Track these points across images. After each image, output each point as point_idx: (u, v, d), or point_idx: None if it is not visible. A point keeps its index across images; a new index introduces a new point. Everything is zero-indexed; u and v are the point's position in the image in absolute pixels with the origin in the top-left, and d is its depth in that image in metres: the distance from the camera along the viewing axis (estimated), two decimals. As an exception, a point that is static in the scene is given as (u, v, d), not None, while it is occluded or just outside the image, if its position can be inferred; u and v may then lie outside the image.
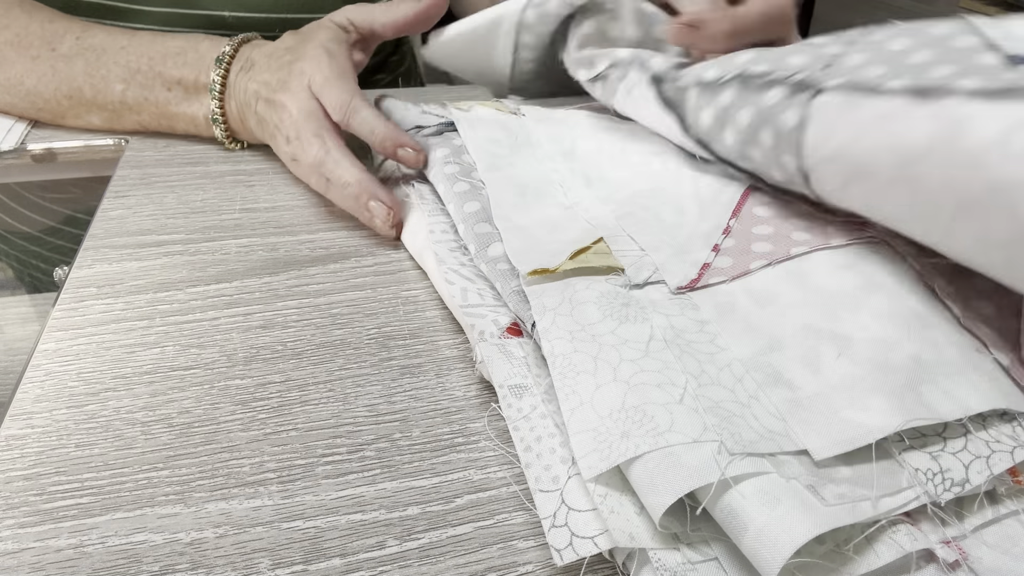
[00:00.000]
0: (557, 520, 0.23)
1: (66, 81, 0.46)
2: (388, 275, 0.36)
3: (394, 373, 0.30)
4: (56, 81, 0.46)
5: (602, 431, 0.23)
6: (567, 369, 0.26)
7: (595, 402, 0.24)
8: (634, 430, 0.23)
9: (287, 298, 0.34)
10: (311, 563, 0.23)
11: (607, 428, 0.23)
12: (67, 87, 0.46)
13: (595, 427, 0.23)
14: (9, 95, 0.47)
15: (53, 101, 0.47)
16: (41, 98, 0.47)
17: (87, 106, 0.47)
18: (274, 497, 0.25)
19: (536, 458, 0.25)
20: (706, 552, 0.22)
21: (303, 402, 0.29)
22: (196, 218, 0.40)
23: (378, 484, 0.25)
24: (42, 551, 0.23)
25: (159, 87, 0.45)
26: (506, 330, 0.30)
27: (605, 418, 0.24)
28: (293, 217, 0.40)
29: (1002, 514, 0.23)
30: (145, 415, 0.28)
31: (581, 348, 0.26)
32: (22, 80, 0.46)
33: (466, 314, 0.31)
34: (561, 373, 0.26)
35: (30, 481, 0.25)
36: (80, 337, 0.31)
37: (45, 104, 0.47)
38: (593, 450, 0.23)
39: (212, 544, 0.23)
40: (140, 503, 0.24)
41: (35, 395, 0.28)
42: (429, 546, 0.23)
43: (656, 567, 0.21)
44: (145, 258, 0.37)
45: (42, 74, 0.46)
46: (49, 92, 0.46)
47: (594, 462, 0.23)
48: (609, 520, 0.22)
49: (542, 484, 0.24)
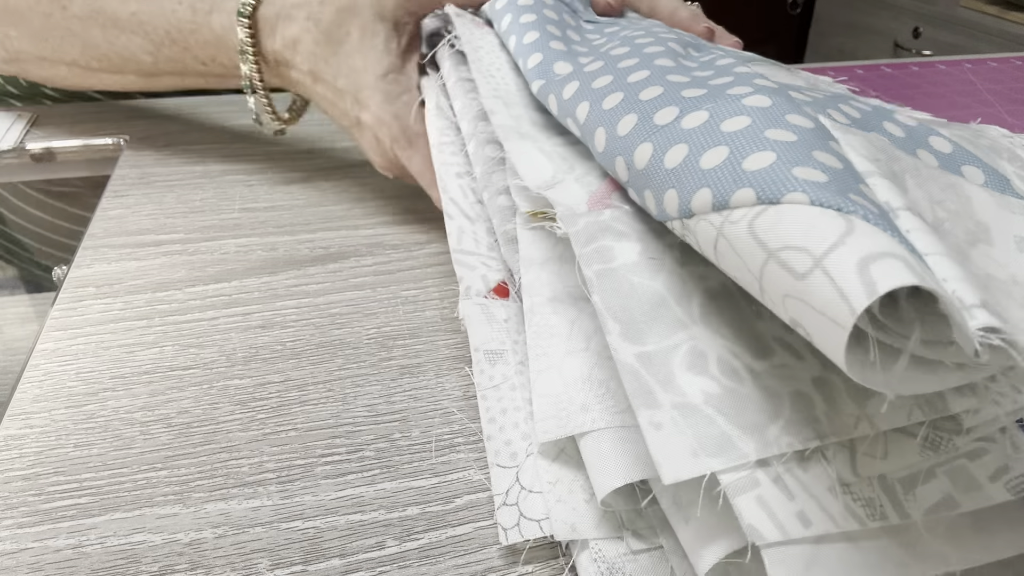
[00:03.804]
0: (509, 498, 0.23)
1: (91, 46, 0.42)
2: (388, 275, 0.36)
3: (394, 373, 0.30)
4: (80, 44, 0.42)
5: (563, 399, 0.23)
6: (542, 329, 0.25)
7: (563, 368, 0.24)
8: (594, 404, 0.22)
9: (286, 298, 0.34)
10: (310, 563, 0.23)
11: (569, 397, 0.23)
12: (94, 52, 0.42)
13: (558, 393, 0.23)
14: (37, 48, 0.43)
15: (82, 62, 0.43)
16: (70, 55, 0.43)
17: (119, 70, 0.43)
18: (273, 497, 0.25)
19: (499, 431, 0.25)
20: (652, 540, 0.22)
21: (302, 402, 0.29)
22: (195, 218, 0.40)
23: (378, 484, 0.25)
24: (41, 551, 0.23)
25: (191, 60, 0.41)
26: (493, 289, 0.29)
27: (569, 386, 0.23)
28: (292, 217, 0.40)
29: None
30: (144, 415, 0.28)
31: (560, 310, 0.25)
32: (44, 36, 0.42)
33: (457, 261, 0.29)
34: (536, 332, 0.25)
35: (29, 481, 0.25)
36: (79, 337, 0.31)
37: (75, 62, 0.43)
38: (552, 416, 0.23)
39: (211, 544, 0.23)
40: (139, 503, 0.24)
41: (34, 395, 0.28)
42: (429, 546, 0.23)
43: (595, 557, 0.21)
44: (144, 258, 0.36)
45: (63, 34, 0.42)
46: (76, 52, 0.42)
47: (551, 427, 0.22)
48: (554, 510, 0.22)
49: (500, 459, 0.24)
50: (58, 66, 0.44)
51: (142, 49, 0.41)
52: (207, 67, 0.41)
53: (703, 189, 0.19)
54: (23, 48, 0.43)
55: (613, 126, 0.24)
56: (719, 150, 0.20)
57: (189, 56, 0.41)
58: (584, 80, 0.27)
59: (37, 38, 0.42)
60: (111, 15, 0.41)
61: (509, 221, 0.29)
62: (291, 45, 0.38)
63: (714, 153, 0.20)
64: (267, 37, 0.38)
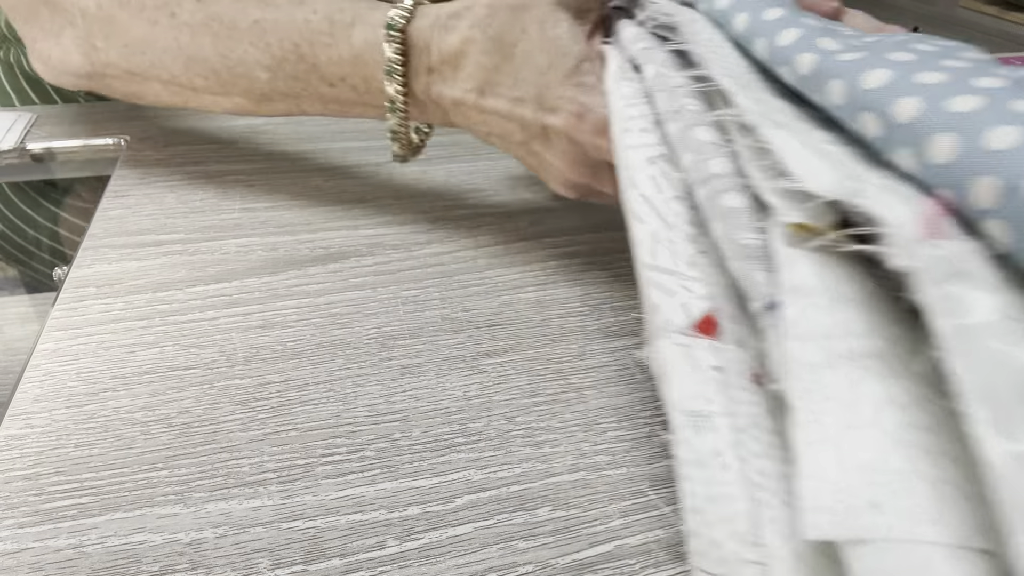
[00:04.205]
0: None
1: (197, 60, 0.37)
2: (388, 275, 0.36)
3: (394, 373, 0.30)
4: (184, 57, 0.37)
5: (843, 488, 0.17)
6: (814, 387, 0.18)
7: (843, 445, 0.17)
8: (888, 503, 0.16)
9: (287, 298, 0.34)
10: (311, 563, 0.23)
11: (851, 487, 0.17)
12: (200, 67, 0.37)
13: (836, 479, 0.17)
14: (129, 62, 0.38)
15: (183, 79, 0.38)
16: (168, 72, 0.38)
17: (227, 87, 0.38)
18: (274, 497, 0.25)
19: (705, 526, 0.19)
20: None
21: (303, 402, 0.29)
22: (195, 218, 0.40)
23: (378, 484, 0.25)
24: (41, 551, 0.23)
25: (317, 81, 0.36)
26: (696, 325, 0.22)
27: (851, 472, 0.17)
28: (293, 217, 0.40)
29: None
30: (144, 415, 0.28)
31: (837, 365, 0.18)
32: (143, 49, 0.38)
33: (649, 282, 0.23)
34: (806, 390, 0.18)
35: (29, 481, 0.25)
36: (79, 337, 0.31)
37: (173, 79, 0.38)
38: (827, 508, 0.17)
39: (212, 544, 0.23)
40: (139, 503, 0.24)
41: (34, 395, 0.28)
42: (429, 546, 0.23)
43: None
44: (144, 258, 0.36)
45: (166, 46, 0.37)
46: (178, 67, 0.38)
47: (823, 522, 0.17)
48: None
49: (706, 563, 0.18)
50: (151, 83, 0.39)
51: (259, 64, 0.36)
52: (333, 89, 0.36)
53: None
54: (112, 61, 0.39)
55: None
56: None
57: (315, 75, 0.36)
58: (870, 51, 0.21)
59: (133, 50, 0.38)
60: (228, 22, 0.36)
61: (745, 230, 0.22)
62: (451, 60, 0.34)
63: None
64: (420, 54, 0.34)
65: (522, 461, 0.26)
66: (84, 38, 0.38)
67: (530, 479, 0.26)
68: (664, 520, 0.24)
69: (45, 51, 0.40)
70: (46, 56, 0.40)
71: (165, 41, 0.37)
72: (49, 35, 0.40)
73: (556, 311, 0.34)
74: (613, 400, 0.29)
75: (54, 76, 0.41)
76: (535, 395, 0.29)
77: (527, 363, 0.31)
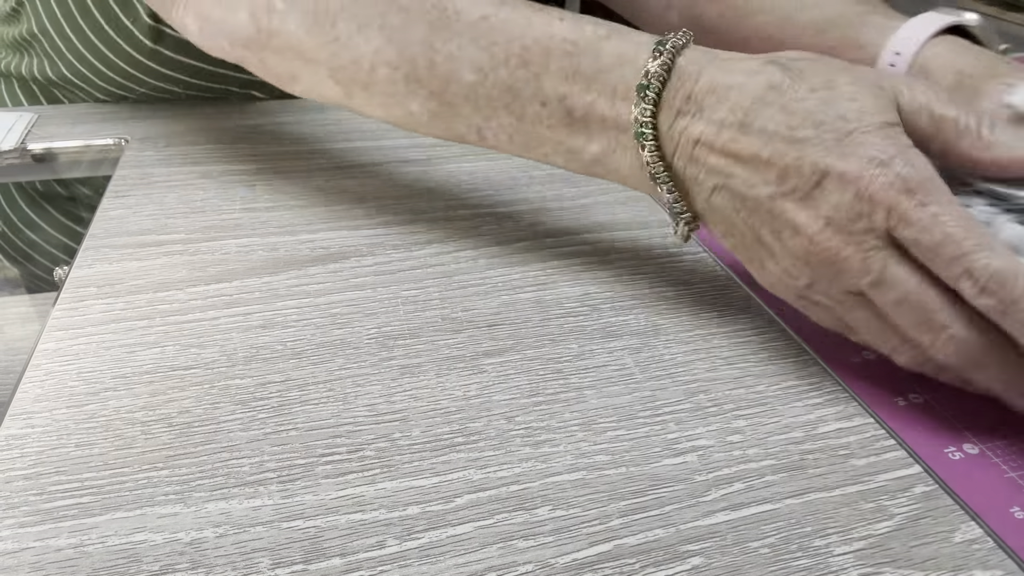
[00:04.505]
0: None
1: (395, 43, 0.32)
2: (388, 275, 0.36)
3: (394, 373, 0.30)
4: (382, 38, 0.32)
5: None
6: None
7: None
8: None
9: (287, 298, 0.34)
10: (311, 563, 0.23)
11: None
12: (394, 52, 0.32)
13: None
14: (309, 32, 0.33)
15: (365, 64, 0.33)
16: (350, 55, 0.33)
17: (412, 87, 0.33)
18: (274, 497, 0.25)
19: None
20: None
21: (303, 402, 0.29)
22: (196, 218, 0.40)
23: (378, 484, 0.25)
24: (42, 551, 0.23)
25: (529, 96, 0.31)
26: None
27: None
28: (293, 217, 0.40)
29: None
30: (145, 415, 0.28)
31: None
32: (334, 20, 0.32)
33: None
34: None
35: (30, 481, 0.25)
36: (80, 337, 0.31)
37: (352, 63, 0.33)
38: None
39: (212, 544, 0.23)
40: (140, 503, 0.24)
41: (35, 395, 0.28)
42: (429, 546, 0.23)
43: None
44: (145, 258, 0.37)
45: (365, 22, 0.32)
46: (365, 51, 0.32)
47: None
48: None
49: None
50: (318, 67, 0.34)
51: (471, 64, 0.31)
52: (541, 110, 0.31)
53: None
54: (286, 29, 0.33)
55: None
56: None
57: (531, 88, 0.31)
58: None
59: (320, 20, 0.33)
60: (453, 12, 0.32)
61: None
62: (720, 90, 0.29)
63: None
64: (685, 78, 0.29)
65: (522, 461, 0.26)
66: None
67: (530, 479, 0.26)
68: (664, 520, 0.24)
69: (206, 7, 0.35)
70: (206, 13, 0.35)
71: (366, 16, 0.32)
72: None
73: (556, 311, 0.34)
74: (613, 400, 0.29)
75: (207, 37, 0.36)
76: (535, 395, 0.29)
77: (527, 363, 0.31)
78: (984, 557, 0.23)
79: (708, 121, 0.29)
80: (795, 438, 0.28)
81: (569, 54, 0.31)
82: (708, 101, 0.29)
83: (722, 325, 0.34)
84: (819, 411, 0.29)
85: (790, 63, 0.29)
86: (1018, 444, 0.27)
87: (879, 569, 0.23)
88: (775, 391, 0.30)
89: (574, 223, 0.41)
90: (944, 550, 0.24)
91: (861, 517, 0.25)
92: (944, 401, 0.29)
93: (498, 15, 0.31)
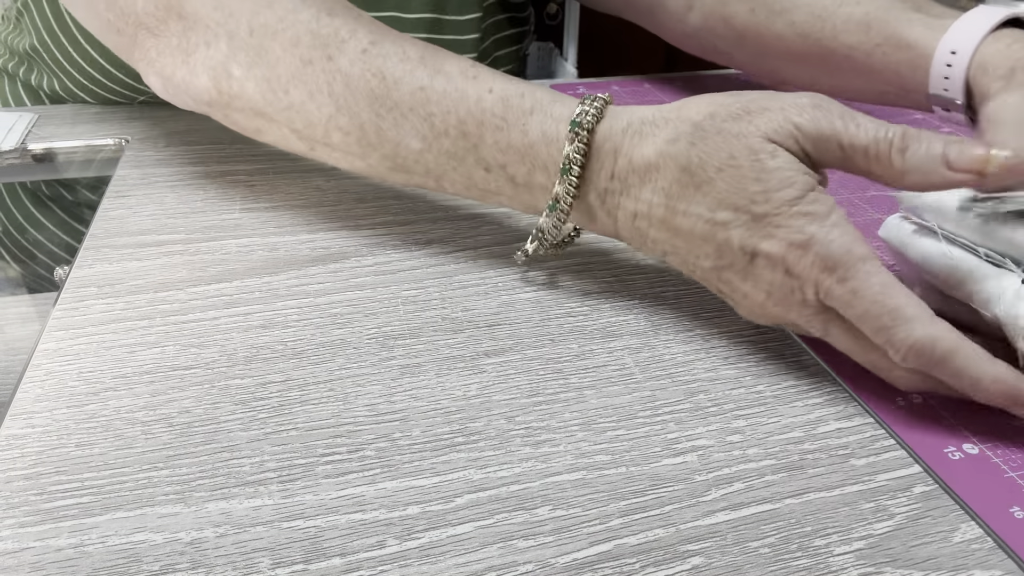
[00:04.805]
0: None
1: (345, 111, 0.34)
2: (388, 275, 0.36)
3: (394, 373, 0.30)
4: (332, 106, 0.34)
5: None
6: None
7: None
8: None
9: (287, 298, 0.34)
10: (311, 562, 0.23)
11: None
12: (345, 120, 0.34)
13: None
14: (265, 98, 0.35)
15: (320, 128, 0.35)
16: (305, 120, 0.35)
17: (366, 150, 0.35)
18: (274, 496, 0.25)
19: None
20: None
21: (303, 402, 0.29)
22: (196, 218, 0.40)
23: (378, 484, 0.25)
24: (42, 551, 0.23)
25: (472, 163, 0.34)
26: None
27: None
28: (293, 217, 0.40)
29: None
30: (145, 415, 0.28)
31: None
32: (287, 87, 0.35)
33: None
34: None
35: (30, 480, 0.25)
36: (80, 337, 0.31)
37: (306, 128, 0.36)
38: None
39: (212, 543, 0.23)
40: (140, 502, 0.24)
41: (35, 394, 0.28)
42: (429, 545, 0.23)
43: None
44: (145, 258, 0.37)
45: (314, 89, 0.34)
46: (318, 117, 0.35)
47: None
48: None
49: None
50: (279, 127, 0.36)
51: (415, 133, 0.34)
52: (487, 174, 0.34)
53: None
54: (245, 93, 0.36)
55: None
56: None
57: (472, 157, 0.33)
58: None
59: (274, 86, 0.35)
60: (391, 81, 0.34)
61: None
62: (640, 171, 0.31)
63: None
64: (604, 157, 0.32)
65: (522, 460, 0.26)
66: (221, 63, 0.36)
67: (530, 478, 0.26)
68: (664, 520, 0.24)
69: (168, 68, 0.37)
70: (168, 73, 0.38)
71: (315, 84, 0.34)
72: (177, 52, 0.37)
73: (556, 311, 0.34)
74: (612, 400, 0.29)
75: (171, 96, 0.39)
76: (535, 395, 0.29)
77: (527, 363, 0.31)
78: (984, 557, 0.23)
79: (637, 199, 0.31)
80: (795, 438, 0.28)
81: (499, 128, 0.33)
82: (631, 180, 0.31)
83: (722, 325, 0.34)
84: (819, 411, 0.29)
85: (695, 137, 0.30)
86: (1018, 444, 0.27)
87: (879, 569, 0.23)
88: (775, 391, 0.30)
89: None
90: (944, 550, 0.24)
91: (861, 517, 0.25)
92: (944, 401, 0.29)
93: (433, 87, 0.33)
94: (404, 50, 0.34)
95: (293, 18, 0.35)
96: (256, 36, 0.35)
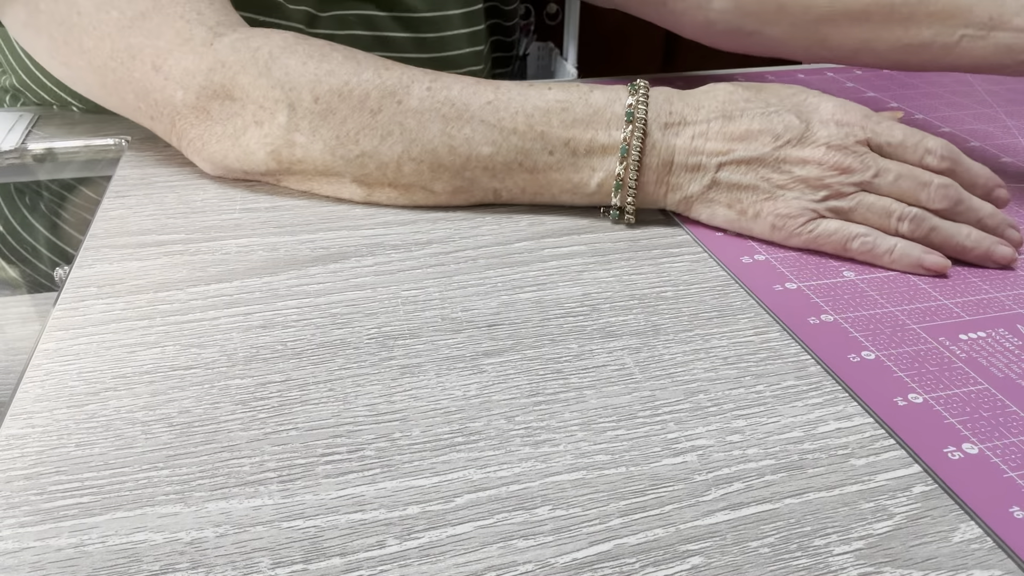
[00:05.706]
0: None
1: (417, 142, 0.38)
2: (388, 275, 0.36)
3: (394, 373, 0.30)
4: (404, 142, 0.38)
5: None
6: None
7: None
8: None
9: (287, 298, 0.34)
10: (311, 562, 0.23)
11: None
12: (418, 150, 0.38)
13: None
14: (333, 155, 0.39)
15: (392, 166, 0.38)
16: (376, 161, 0.38)
17: (436, 172, 0.39)
18: (274, 496, 0.25)
19: None
20: None
21: (303, 402, 0.29)
22: (196, 218, 0.40)
23: (378, 483, 0.25)
24: (42, 550, 0.23)
25: (539, 150, 0.38)
26: None
27: None
28: (293, 217, 0.40)
29: None
30: (145, 415, 0.28)
31: None
32: (356, 139, 0.38)
33: None
34: None
35: (30, 480, 0.25)
36: (80, 337, 0.31)
37: (377, 169, 0.39)
38: None
39: (212, 543, 0.23)
40: (140, 502, 0.24)
41: (35, 394, 0.28)
42: (429, 545, 0.23)
43: None
44: (145, 258, 0.37)
45: (386, 132, 0.38)
46: (390, 155, 0.38)
47: None
48: None
49: None
50: (342, 179, 0.40)
51: (485, 140, 0.38)
52: (551, 157, 0.38)
53: None
54: (310, 156, 0.39)
55: None
56: None
57: (539, 144, 0.38)
58: None
59: (344, 141, 0.38)
60: (461, 105, 0.38)
61: None
62: (694, 104, 0.38)
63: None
64: (661, 102, 0.38)
65: (522, 460, 0.26)
66: (281, 136, 0.38)
67: (529, 478, 0.26)
68: (664, 519, 0.24)
69: (218, 155, 0.40)
70: (219, 159, 0.40)
71: (385, 128, 0.38)
72: (224, 138, 0.39)
73: (556, 311, 0.34)
74: (612, 400, 0.29)
75: (221, 173, 0.42)
76: (535, 395, 0.29)
77: (527, 363, 0.31)
78: (983, 557, 0.23)
79: (696, 123, 0.38)
80: (795, 438, 0.28)
81: (565, 109, 0.38)
82: (687, 112, 0.38)
83: (722, 325, 0.34)
84: (819, 411, 0.29)
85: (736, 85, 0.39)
86: (1018, 444, 0.27)
87: (879, 569, 0.23)
88: (775, 391, 0.30)
89: (574, 223, 0.41)
90: (943, 550, 0.24)
91: (861, 517, 0.25)
92: (944, 401, 0.29)
93: (499, 97, 0.38)
94: (462, 81, 0.39)
95: (357, 80, 0.38)
96: (322, 102, 0.38)
